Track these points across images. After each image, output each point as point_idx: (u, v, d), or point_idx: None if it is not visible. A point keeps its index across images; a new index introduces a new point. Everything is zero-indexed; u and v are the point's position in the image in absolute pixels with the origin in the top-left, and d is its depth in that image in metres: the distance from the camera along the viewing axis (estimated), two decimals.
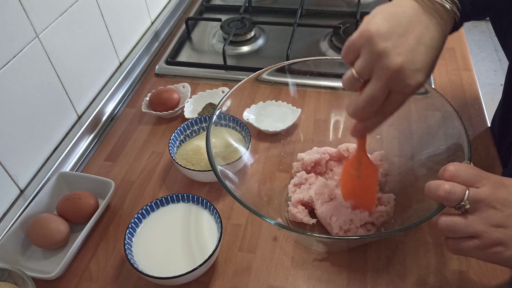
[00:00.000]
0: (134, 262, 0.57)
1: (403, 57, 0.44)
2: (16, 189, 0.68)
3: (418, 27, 0.45)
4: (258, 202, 0.66)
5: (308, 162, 0.68)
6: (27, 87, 0.68)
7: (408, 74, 0.44)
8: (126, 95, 0.92)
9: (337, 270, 0.60)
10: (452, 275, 0.58)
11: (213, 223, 0.62)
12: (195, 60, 0.99)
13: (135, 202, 0.71)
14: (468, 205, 0.44)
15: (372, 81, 0.45)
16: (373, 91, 0.45)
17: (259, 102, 0.81)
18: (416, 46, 0.44)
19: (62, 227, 0.63)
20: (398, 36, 0.44)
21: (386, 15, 0.45)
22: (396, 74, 0.44)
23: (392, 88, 0.46)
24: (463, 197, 0.44)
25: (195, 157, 0.72)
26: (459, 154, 0.56)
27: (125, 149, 0.80)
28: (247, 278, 0.60)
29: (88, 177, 0.71)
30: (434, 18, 0.46)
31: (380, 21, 0.45)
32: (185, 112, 0.83)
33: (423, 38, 0.45)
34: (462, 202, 0.44)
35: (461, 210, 0.45)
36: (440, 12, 0.46)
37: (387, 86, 0.45)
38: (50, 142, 0.75)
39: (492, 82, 2.33)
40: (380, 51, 0.44)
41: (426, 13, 0.46)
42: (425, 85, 0.66)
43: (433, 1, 0.46)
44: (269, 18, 1.11)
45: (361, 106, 0.47)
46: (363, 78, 0.46)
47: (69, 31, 0.76)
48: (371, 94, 0.45)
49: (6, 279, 0.54)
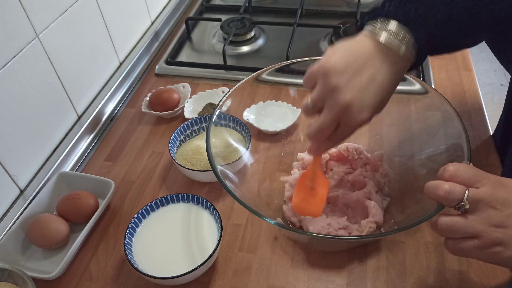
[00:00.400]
0: (134, 262, 0.57)
1: (353, 95, 0.47)
2: (16, 189, 0.68)
3: (371, 69, 0.48)
4: (258, 202, 0.66)
5: (308, 162, 0.69)
6: (27, 87, 0.68)
7: (355, 111, 0.48)
8: (126, 95, 0.92)
9: (337, 270, 0.60)
10: (452, 275, 0.58)
11: (213, 223, 0.62)
12: (195, 60, 0.99)
13: (135, 202, 0.71)
14: (468, 205, 0.44)
15: (323, 112, 0.50)
16: (323, 121, 0.50)
17: (259, 102, 0.81)
18: (366, 86, 0.48)
19: (62, 227, 0.63)
20: (352, 75, 0.48)
21: (344, 53, 0.49)
22: (344, 109, 0.48)
23: (340, 120, 0.50)
24: (463, 197, 0.44)
25: (195, 157, 0.72)
26: (458, 154, 0.56)
27: (125, 149, 0.80)
28: (247, 278, 0.60)
29: (88, 177, 0.71)
30: (387, 62, 0.49)
31: (338, 58, 0.48)
32: (185, 112, 0.83)
33: (375, 79, 0.48)
34: (462, 202, 0.44)
35: (461, 210, 0.45)
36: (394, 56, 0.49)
37: (336, 118, 0.49)
38: (50, 142, 0.75)
39: (492, 82, 2.33)
40: (332, 86, 0.48)
41: (380, 56, 0.49)
42: (425, 85, 0.66)
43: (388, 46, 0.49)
44: (269, 18, 1.11)
45: (314, 132, 0.51)
46: (316, 106, 0.50)
47: (69, 31, 0.76)
48: (322, 123, 0.50)
49: (6, 279, 0.54)
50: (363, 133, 0.75)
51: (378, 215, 0.61)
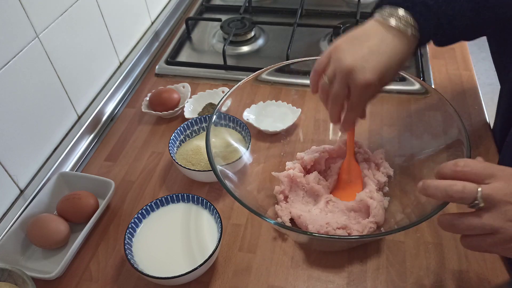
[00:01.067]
0: (134, 262, 0.57)
1: (355, 59, 0.54)
2: (16, 189, 0.68)
3: (375, 39, 0.54)
4: (258, 202, 0.66)
5: (308, 161, 0.69)
6: (27, 87, 0.68)
7: (358, 72, 0.53)
8: (126, 95, 0.92)
9: (337, 270, 0.60)
10: (452, 275, 0.58)
11: (213, 223, 0.62)
12: (195, 60, 0.99)
13: (135, 202, 0.71)
14: (482, 203, 0.43)
15: (334, 81, 0.56)
16: (334, 88, 0.56)
17: (259, 102, 0.81)
18: (370, 51, 0.54)
19: (62, 227, 0.63)
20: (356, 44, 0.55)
21: (349, 36, 0.56)
22: (348, 72, 0.53)
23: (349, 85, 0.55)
24: (476, 195, 0.43)
25: (195, 157, 0.72)
26: (458, 154, 0.56)
27: (125, 149, 0.80)
28: (247, 278, 0.60)
29: (88, 177, 0.71)
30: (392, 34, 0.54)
31: (346, 37, 0.56)
32: (185, 112, 0.83)
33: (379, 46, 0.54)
34: (476, 201, 0.43)
35: (475, 208, 0.44)
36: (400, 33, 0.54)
37: (344, 82, 0.55)
38: (50, 142, 0.75)
39: (492, 82, 2.33)
40: (338, 58, 0.55)
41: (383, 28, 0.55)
42: (425, 85, 0.66)
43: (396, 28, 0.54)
44: (269, 18, 1.11)
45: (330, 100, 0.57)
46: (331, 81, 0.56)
47: (69, 31, 0.76)
48: (334, 90, 0.56)
49: (6, 279, 0.54)
50: (363, 133, 0.75)
51: (379, 215, 0.61)
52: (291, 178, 0.66)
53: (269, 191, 0.68)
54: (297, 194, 0.67)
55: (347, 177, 0.68)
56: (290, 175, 0.66)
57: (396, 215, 0.63)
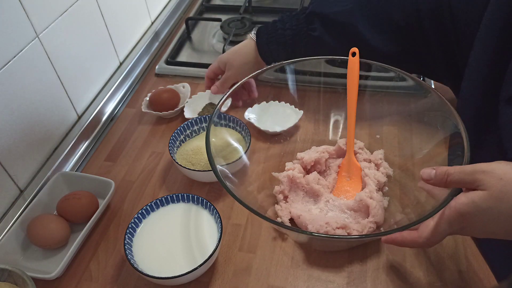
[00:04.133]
0: (134, 262, 0.57)
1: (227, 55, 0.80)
2: (16, 189, 0.68)
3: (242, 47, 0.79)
4: (258, 202, 0.66)
5: (308, 161, 0.69)
6: (27, 87, 0.68)
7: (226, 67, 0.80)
8: (126, 95, 0.92)
9: (337, 270, 0.60)
10: (452, 275, 0.58)
11: (213, 223, 0.62)
12: (195, 60, 0.99)
13: (135, 202, 0.71)
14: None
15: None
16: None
17: (262, 102, 0.81)
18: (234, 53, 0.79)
19: (62, 227, 0.63)
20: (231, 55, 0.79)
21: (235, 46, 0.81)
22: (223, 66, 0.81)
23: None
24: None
25: (195, 157, 0.72)
26: (458, 153, 0.56)
27: (125, 149, 0.80)
28: (247, 278, 0.60)
29: (88, 177, 0.71)
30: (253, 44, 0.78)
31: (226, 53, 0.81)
32: (185, 112, 0.83)
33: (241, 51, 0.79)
34: None
35: None
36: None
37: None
38: (50, 142, 0.75)
39: None
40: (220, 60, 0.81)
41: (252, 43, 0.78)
42: (425, 85, 0.66)
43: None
44: (269, 18, 1.10)
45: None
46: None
47: (69, 31, 0.76)
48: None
49: (6, 279, 0.54)
50: (363, 133, 0.75)
51: (379, 215, 0.61)
52: (291, 179, 0.66)
53: (269, 191, 0.68)
54: (297, 194, 0.67)
55: (346, 174, 0.68)
56: (290, 175, 0.66)
57: (396, 215, 0.63)
